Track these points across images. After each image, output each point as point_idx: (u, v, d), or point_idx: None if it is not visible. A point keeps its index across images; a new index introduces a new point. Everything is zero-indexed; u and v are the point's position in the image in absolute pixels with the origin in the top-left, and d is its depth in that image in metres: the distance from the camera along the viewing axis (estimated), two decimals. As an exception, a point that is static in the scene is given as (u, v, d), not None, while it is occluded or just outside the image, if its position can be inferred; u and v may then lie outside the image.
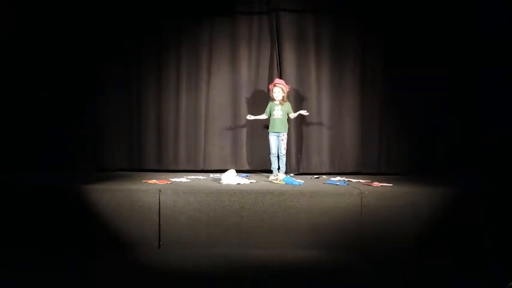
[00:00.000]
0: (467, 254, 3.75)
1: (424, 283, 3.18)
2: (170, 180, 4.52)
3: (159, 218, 3.89)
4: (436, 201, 3.91)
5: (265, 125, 5.15)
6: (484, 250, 3.77)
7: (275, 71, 5.47)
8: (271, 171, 5.00)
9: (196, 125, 5.53)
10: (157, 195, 3.91)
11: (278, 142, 4.93)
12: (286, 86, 4.99)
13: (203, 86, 5.52)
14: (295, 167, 5.45)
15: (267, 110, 5.02)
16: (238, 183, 4.31)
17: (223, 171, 4.69)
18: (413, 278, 3.28)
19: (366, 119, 5.47)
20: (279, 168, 4.96)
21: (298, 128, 5.49)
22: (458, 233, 3.86)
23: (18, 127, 5.32)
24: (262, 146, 5.33)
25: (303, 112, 4.95)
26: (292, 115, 5.00)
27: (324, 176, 5.18)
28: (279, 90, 4.92)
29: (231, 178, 4.40)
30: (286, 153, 4.99)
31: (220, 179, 4.47)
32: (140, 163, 5.52)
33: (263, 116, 5.06)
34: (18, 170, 5.05)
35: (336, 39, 5.46)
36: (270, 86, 5.06)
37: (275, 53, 5.48)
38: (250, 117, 5.09)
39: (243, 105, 5.54)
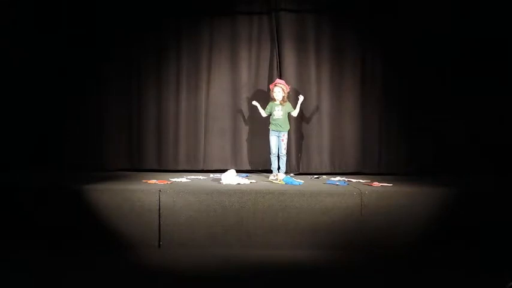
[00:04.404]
0: (467, 253, 3.74)
1: (424, 283, 3.18)
2: (170, 180, 4.52)
3: (159, 218, 3.89)
4: (436, 201, 3.91)
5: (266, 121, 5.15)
6: (483, 250, 3.77)
7: (275, 71, 5.47)
8: (271, 171, 5.00)
9: (196, 125, 5.54)
10: (157, 195, 3.91)
11: (278, 142, 4.94)
12: (287, 86, 5.00)
13: (203, 86, 5.53)
14: (295, 167, 5.45)
15: (267, 109, 5.03)
16: (238, 183, 4.31)
17: (223, 171, 4.69)
18: (414, 277, 3.28)
19: (366, 119, 5.47)
20: (279, 168, 4.96)
21: (299, 128, 5.49)
22: (458, 233, 3.85)
23: (18, 127, 5.33)
24: (262, 146, 5.34)
25: (300, 98, 4.97)
26: (295, 112, 5.01)
27: (324, 176, 5.19)
28: (279, 90, 4.93)
29: (231, 178, 4.40)
30: (286, 153, 4.99)
31: (220, 179, 4.47)
32: (140, 163, 5.53)
33: (263, 112, 5.07)
34: (18, 170, 5.05)
35: (336, 39, 5.46)
36: (271, 86, 5.06)
37: (275, 53, 5.48)
38: (255, 102, 5.11)
39: (243, 105, 5.54)
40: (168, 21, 5.47)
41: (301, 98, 5.01)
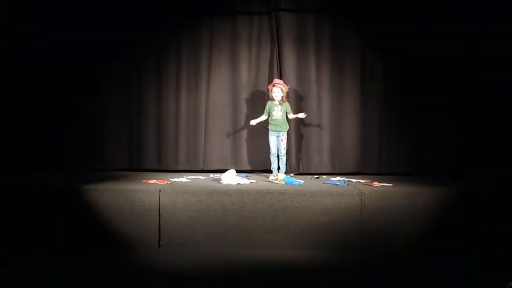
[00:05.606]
0: (467, 253, 3.74)
1: (424, 283, 3.18)
2: (170, 180, 4.52)
3: (159, 218, 3.89)
4: (436, 201, 3.91)
5: (265, 127, 5.12)
6: (483, 250, 3.77)
7: (275, 71, 5.47)
8: (271, 171, 5.00)
9: (196, 125, 5.54)
10: (157, 195, 3.91)
11: (278, 142, 4.93)
12: (286, 86, 4.99)
13: (203, 86, 5.53)
14: (295, 167, 5.45)
15: (266, 109, 5.01)
16: (238, 183, 4.31)
17: (223, 171, 4.69)
18: (414, 277, 3.28)
19: (366, 119, 5.47)
20: (278, 168, 4.96)
21: (298, 128, 5.49)
22: (458, 233, 3.85)
23: (18, 128, 5.33)
24: (262, 146, 5.33)
25: (301, 115, 4.95)
26: (291, 116, 5.00)
27: (324, 176, 5.18)
28: (278, 90, 4.92)
29: (231, 178, 4.40)
30: (286, 153, 4.99)
31: (220, 179, 4.47)
32: (140, 163, 5.53)
33: (263, 117, 5.06)
34: (18, 171, 5.05)
35: (336, 39, 5.45)
36: (270, 87, 5.06)
37: (275, 53, 5.48)
38: (253, 122, 5.05)
39: (243, 106, 5.54)
40: (168, 21, 5.47)
41: (303, 115, 4.97)
